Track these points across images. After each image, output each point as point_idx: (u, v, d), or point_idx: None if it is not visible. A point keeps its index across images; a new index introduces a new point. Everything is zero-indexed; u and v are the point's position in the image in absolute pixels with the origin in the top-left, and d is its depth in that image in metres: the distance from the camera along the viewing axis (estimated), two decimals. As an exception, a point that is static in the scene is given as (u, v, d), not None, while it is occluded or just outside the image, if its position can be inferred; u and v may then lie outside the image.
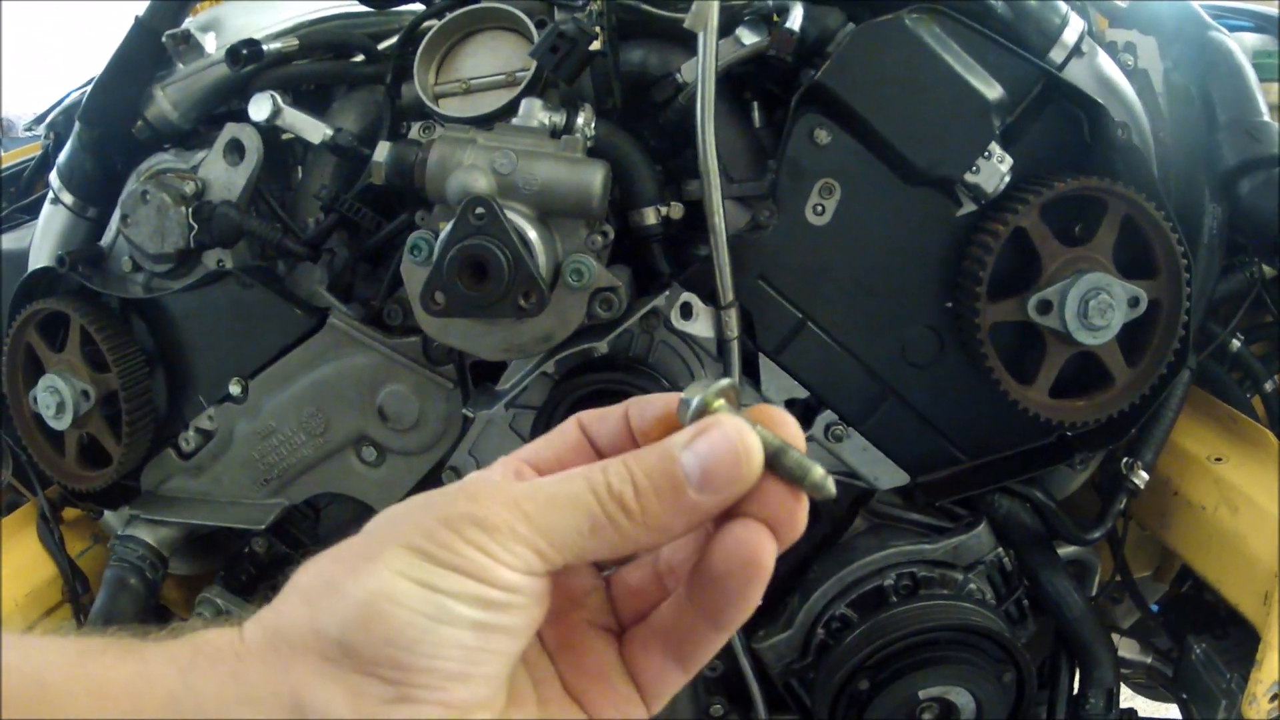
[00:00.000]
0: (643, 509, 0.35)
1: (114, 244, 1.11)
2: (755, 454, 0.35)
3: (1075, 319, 0.91)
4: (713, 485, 0.35)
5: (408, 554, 0.34)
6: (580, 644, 0.41)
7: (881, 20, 0.91)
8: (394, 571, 0.34)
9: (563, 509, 0.35)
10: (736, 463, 0.35)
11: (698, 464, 0.35)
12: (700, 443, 0.35)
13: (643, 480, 0.35)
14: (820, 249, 0.94)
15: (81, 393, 1.08)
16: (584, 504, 0.35)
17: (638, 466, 0.36)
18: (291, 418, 1.06)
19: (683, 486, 0.35)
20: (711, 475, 0.35)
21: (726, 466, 0.35)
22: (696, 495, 0.35)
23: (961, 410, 0.99)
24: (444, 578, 0.34)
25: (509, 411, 1.00)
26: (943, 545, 1.01)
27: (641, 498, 0.35)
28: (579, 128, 0.91)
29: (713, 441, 0.35)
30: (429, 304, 0.86)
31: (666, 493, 0.35)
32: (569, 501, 0.35)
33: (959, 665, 0.97)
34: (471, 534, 0.35)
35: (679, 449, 0.35)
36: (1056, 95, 0.94)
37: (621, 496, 0.35)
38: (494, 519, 0.35)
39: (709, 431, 0.35)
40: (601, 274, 0.89)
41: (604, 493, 0.35)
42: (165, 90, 1.08)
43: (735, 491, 0.35)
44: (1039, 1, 0.98)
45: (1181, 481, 1.09)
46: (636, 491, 0.35)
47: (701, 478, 0.35)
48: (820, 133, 0.92)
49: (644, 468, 0.35)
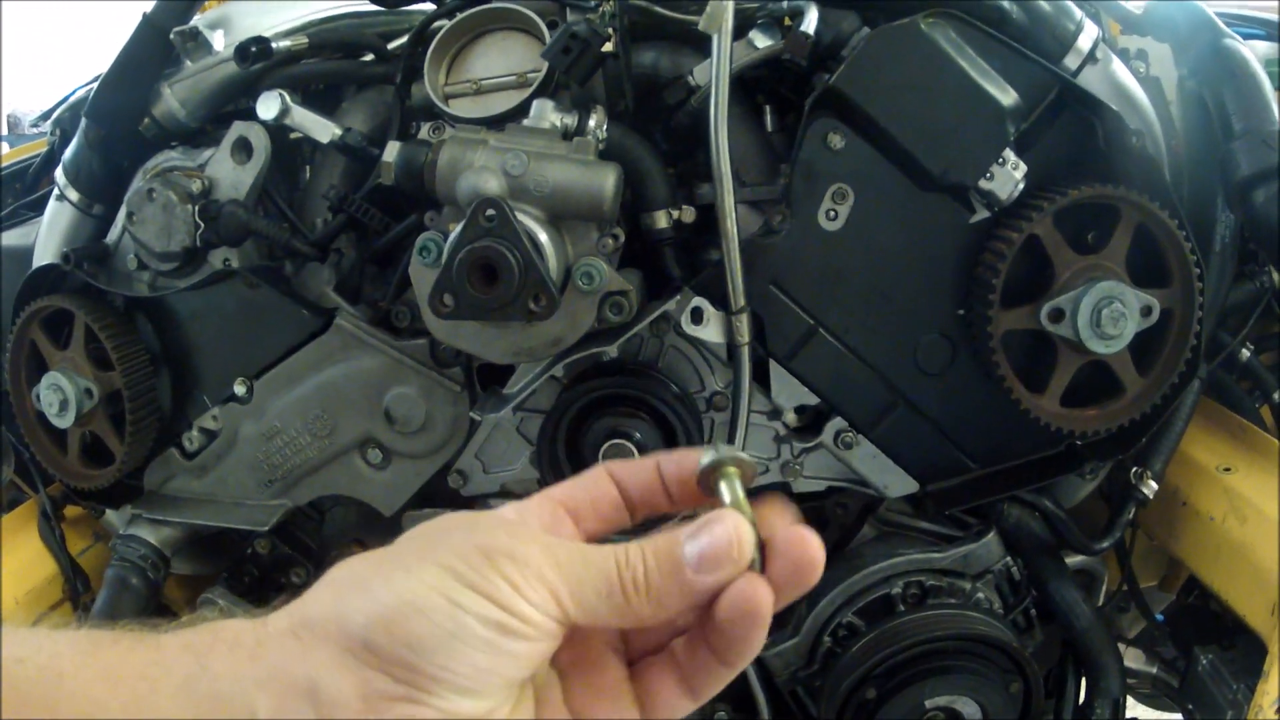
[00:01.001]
0: (649, 585, 0.40)
1: (119, 242, 1.10)
2: (747, 548, 0.40)
3: (1088, 327, 0.91)
4: (708, 569, 0.40)
5: (441, 571, 0.37)
6: (594, 664, 0.44)
7: (897, 25, 0.90)
8: (426, 583, 0.37)
9: (588, 568, 0.40)
10: (730, 553, 0.40)
11: (697, 552, 0.40)
12: (703, 535, 0.40)
13: (651, 560, 0.40)
14: (833, 254, 0.94)
15: (85, 391, 1.08)
16: (606, 570, 0.40)
17: (650, 549, 0.41)
18: (297, 419, 1.05)
19: (683, 568, 0.40)
20: (707, 561, 0.40)
21: (721, 555, 0.40)
22: (694, 576, 0.40)
23: (972, 418, 0.98)
24: (471, 599, 0.37)
25: (517, 415, 0.99)
26: (951, 554, 1.01)
27: (649, 574, 0.40)
28: (591, 130, 0.90)
29: (714, 535, 0.40)
30: (437, 306, 0.86)
31: (669, 572, 0.40)
32: (595, 564, 0.40)
33: (966, 675, 0.96)
34: (505, 566, 0.38)
35: (685, 538, 0.40)
36: (1070, 102, 0.94)
37: (635, 570, 0.40)
38: (528, 559, 0.39)
39: (711, 525, 0.40)
40: (612, 277, 0.88)
41: (624, 564, 0.40)
42: (173, 88, 1.07)
43: (727, 576, 0.40)
44: (1054, 7, 0.97)
45: (1190, 491, 1.08)
46: (646, 569, 0.40)
47: (699, 562, 0.40)
48: (834, 137, 0.91)
49: (654, 550, 0.41)
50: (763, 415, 0.98)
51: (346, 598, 0.38)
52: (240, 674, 0.37)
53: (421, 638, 0.36)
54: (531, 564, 0.38)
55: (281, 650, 0.38)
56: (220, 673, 0.37)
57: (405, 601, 0.37)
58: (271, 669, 0.37)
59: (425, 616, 0.36)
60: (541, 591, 0.38)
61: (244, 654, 0.38)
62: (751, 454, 0.98)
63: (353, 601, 0.38)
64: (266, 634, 0.38)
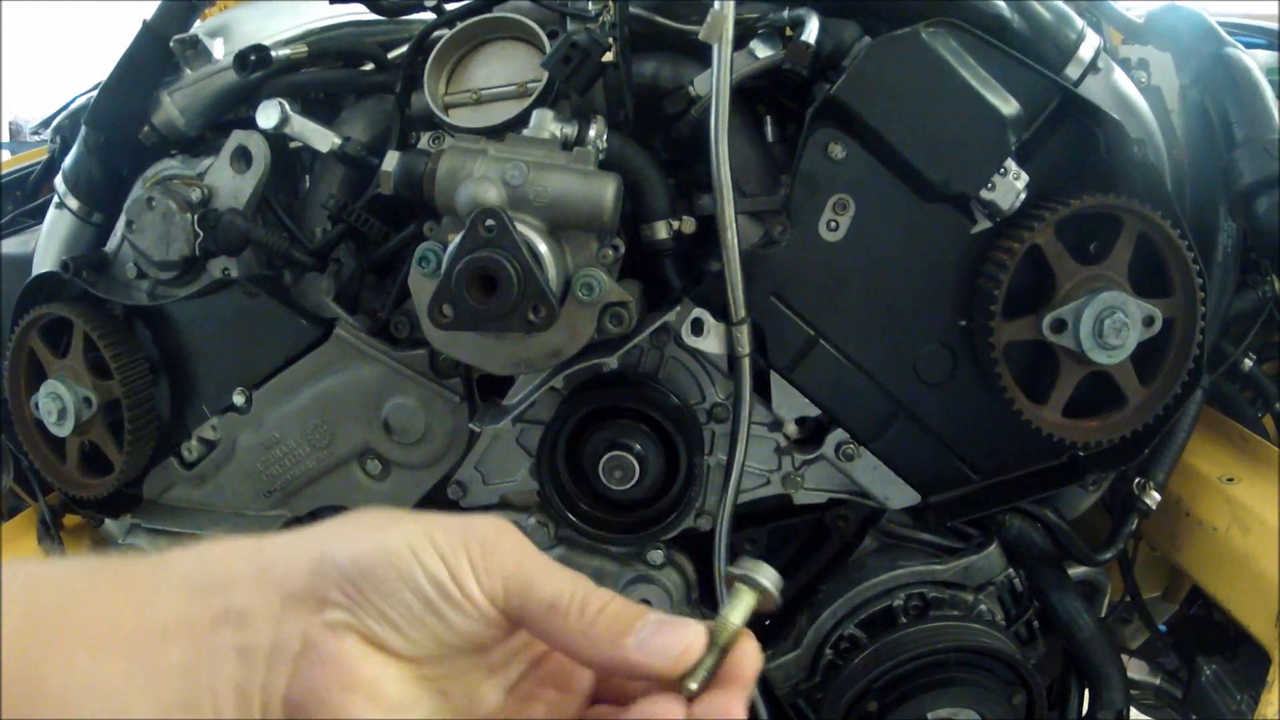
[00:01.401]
0: (589, 623, 0.43)
1: (119, 250, 1.10)
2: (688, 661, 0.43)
3: (1090, 338, 0.90)
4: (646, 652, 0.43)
5: (421, 534, 0.43)
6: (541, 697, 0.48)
7: (898, 34, 0.90)
8: (402, 537, 0.42)
9: (548, 580, 0.44)
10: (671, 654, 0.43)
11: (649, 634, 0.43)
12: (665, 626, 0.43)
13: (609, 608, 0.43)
14: (834, 265, 0.93)
15: (84, 399, 1.07)
16: (561, 587, 0.43)
17: (614, 604, 0.44)
18: (295, 429, 1.05)
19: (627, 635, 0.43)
20: (650, 646, 0.43)
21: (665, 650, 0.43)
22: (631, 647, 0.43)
23: (974, 429, 0.98)
24: (432, 561, 0.42)
25: (516, 426, 0.99)
26: (953, 566, 1.00)
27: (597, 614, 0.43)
28: (591, 140, 0.90)
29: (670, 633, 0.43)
30: (436, 316, 0.85)
31: (615, 629, 0.43)
32: (555, 580, 0.44)
33: (969, 687, 0.96)
34: (474, 550, 0.43)
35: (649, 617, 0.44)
36: (1072, 111, 0.94)
37: (585, 603, 0.43)
38: (499, 551, 0.43)
39: (677, 625, 0.43)
40: (612, 288, 0.88)
41: (578, 592, 0.43)
42: (172, 96, 1.07)
43: (657, 670, 0.43)
44: (1055, 16, 0.97)
45: (1193, 502, 1.07)
46: (600, 611, 0.43)
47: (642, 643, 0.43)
48: (835, 147, 0.91)
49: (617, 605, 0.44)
50: (764, 427, 0.97)
51: (341, 527, 0.45)
52: (234, 569, 0.42)
53: (378, 572, 0.42)
54: (499, 556, 0.43)
55: (274, 552, 0.43)
56: (215, 567, 0.43)
57: (380, 542, 0.42)
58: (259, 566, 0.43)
59: (389, 558, 0.42)
60: (495, 582, 0.43)
61: (243, 552, 0.43)
62: (752, 466, 0.97)
63: (344, 530, 0.44)
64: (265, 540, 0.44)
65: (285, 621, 0.41)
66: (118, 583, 0.42)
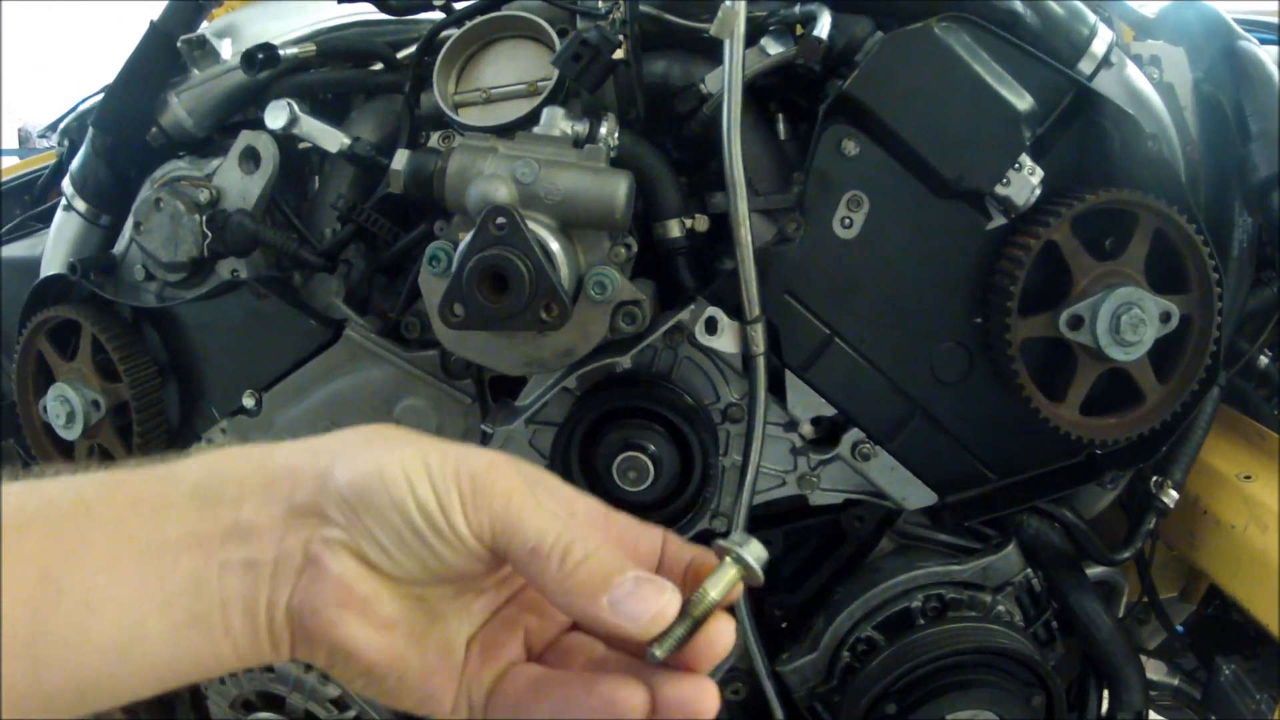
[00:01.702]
0: (567, 573, 0.42)
1: (127, 252, 1.09)
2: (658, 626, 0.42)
3: (1107, 334, 0.89)
4: (618, 611, 0.42)
5: (418, 459, 0.43)
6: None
7: (910, 29, 0.89)
8: (399, 460, 0.42)
9: (535, 522, 0.43)
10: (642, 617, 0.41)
11: (623, 595, 0.42)
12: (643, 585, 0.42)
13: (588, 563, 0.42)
14: (848, 263, 0.93)
15: (92, 402, 1.07)
16: (546, 531, 0.42)
17: (596, 558, 0.42)
18: (306, 431, 1.02)
19: (603, 592, 0.42)
20: (622, 605, 0.41)
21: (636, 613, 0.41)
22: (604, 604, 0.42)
23: (990, 428, 0.97)
24: (424, 489, 0.42)
25: (529, 428, 0.98)
26: (971, 566, 0.99)
27: (576, 566, 0.42)
28: (602, 137, 0.89)
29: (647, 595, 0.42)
30: (447, 316, 0.84)
31: (590, 584, 0.42)
32: (542, 523, 0.43)
33: (988, 689, 0.95)
34: (466, 484, 0.42)
35: (628, 575, 0.42)
36: (1085, 107, 0.93)
37: (567, 552, 0.42)
38: (491, 490, 0.43)
39: (655, 586, 0.42)
40: (625, 287, 0.87)
41: (562, 539, 0.42)
42: (180, 96, 1.06)
43: (628, 631, 0.42)
44: (1067, 11, 0.96)
45: (1210, 500, 1.06)
46: (577, 561, 0.42)
47: (615, 602, 0.42)
48: (848, 144, 0.90)
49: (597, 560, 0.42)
50: (779, 427, 0.96)
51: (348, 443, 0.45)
52: (243, 479, 0.43)
53: (372, 495, 0.42)
54: (490, 492, 0.42)
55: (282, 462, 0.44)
56: (225, 475, 0.43)
57: (379, 465, 0.42)
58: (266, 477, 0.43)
59: (384, 483, 0.42)
60: (483, 519, 0.42)
61: (252, 462, 0.44)
62: (767, 467, 0.96)
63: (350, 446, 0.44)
64: (275, 449, 0.45)
65: (289, 534, 0.42)
66: (130, 496, 0.43)
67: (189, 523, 0.42)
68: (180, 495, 0.43)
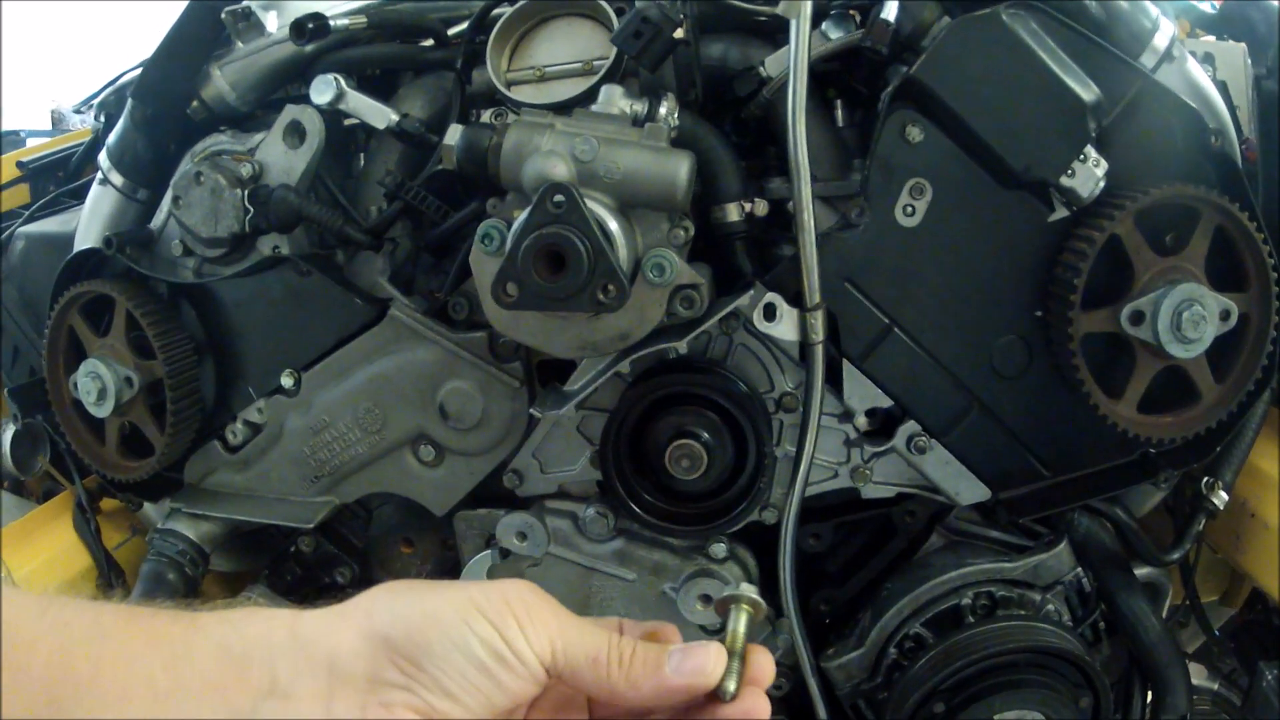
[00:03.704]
0: (628, 668, 0.48)
1: (164, 227, 1.07)
2: (718, 671, 0.49)
3: (1168, 330, 0.88)
4: (682, 673, 0.49)
5: (465, 600, 0.45)
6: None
7: (978, 15, 0.87)
8: (449, 603, 0.45)
9: (584, 636, 0.48)
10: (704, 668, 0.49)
11: (679, 658, 0.49)
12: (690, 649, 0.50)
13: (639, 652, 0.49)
14: (909, 251, 0.91)
15: (125, 379, 1.05)
16: (599, 641, 0.48)
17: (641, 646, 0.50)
18: (346, 413, 1.02)
19: (663, 665, 0.49)
20: (683, 669, 0.49)
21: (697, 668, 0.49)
22: (669, 673, 0.49)
23: (1047, 424, 0.95)
24: (482, 625, 0.45)
25: (578, 413, 0.96)
26: (1022, 564, 0.98)
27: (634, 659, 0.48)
28: (662, 117, 0.88)
29: (696, 651, 0.49)
30: (501, 296, 0.82)
31: (650, 664, 0.49)
32: (591, 635, 0.49)
33: (1037, 689, 0.93)
34: (519, 611, 0.46)
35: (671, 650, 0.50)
36: (1148, 100, 0.91)
37: (623, 652, 0.48)
38: (539, 613, 0.47)
39: (697, 647, 0.50)
40: (684, 270, 0.85)
41: (614, 644, 0.49)
42: (223, 69, 1.04)
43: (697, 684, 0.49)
44: (1131, 4, 0.94)
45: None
46: (633, 655, 0.49)
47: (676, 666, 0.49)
48: (912, 130, 0.89)
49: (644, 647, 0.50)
50: (833, 418, 0.95)
51: (381, 600, 0.46)
52: (272, 641, 0.43)
53: (431, 643, 0.44)
54: (540, 618, 0.47)
55: (314, 626, 0.44)
56: (253, 638, 0.44)
57: (427, 613, 0.44)
58: (300, 640, 0.44)
59: (440, 628, 0.44)
60: (542, 640, 0.46)
61: (280, 625, 0.45)
62: (820, 458, 0.95)
63: (384, 603, 0.46)
64: (303, 614, 0.46)
65: (336, 701, 0.42)
66: (149, 635, 0.43)
67: (212, 673, 0.42)
68: (204, 646, 0.43)
